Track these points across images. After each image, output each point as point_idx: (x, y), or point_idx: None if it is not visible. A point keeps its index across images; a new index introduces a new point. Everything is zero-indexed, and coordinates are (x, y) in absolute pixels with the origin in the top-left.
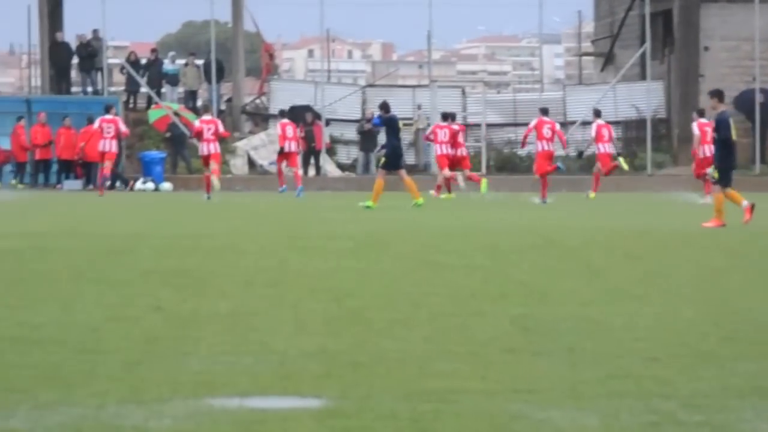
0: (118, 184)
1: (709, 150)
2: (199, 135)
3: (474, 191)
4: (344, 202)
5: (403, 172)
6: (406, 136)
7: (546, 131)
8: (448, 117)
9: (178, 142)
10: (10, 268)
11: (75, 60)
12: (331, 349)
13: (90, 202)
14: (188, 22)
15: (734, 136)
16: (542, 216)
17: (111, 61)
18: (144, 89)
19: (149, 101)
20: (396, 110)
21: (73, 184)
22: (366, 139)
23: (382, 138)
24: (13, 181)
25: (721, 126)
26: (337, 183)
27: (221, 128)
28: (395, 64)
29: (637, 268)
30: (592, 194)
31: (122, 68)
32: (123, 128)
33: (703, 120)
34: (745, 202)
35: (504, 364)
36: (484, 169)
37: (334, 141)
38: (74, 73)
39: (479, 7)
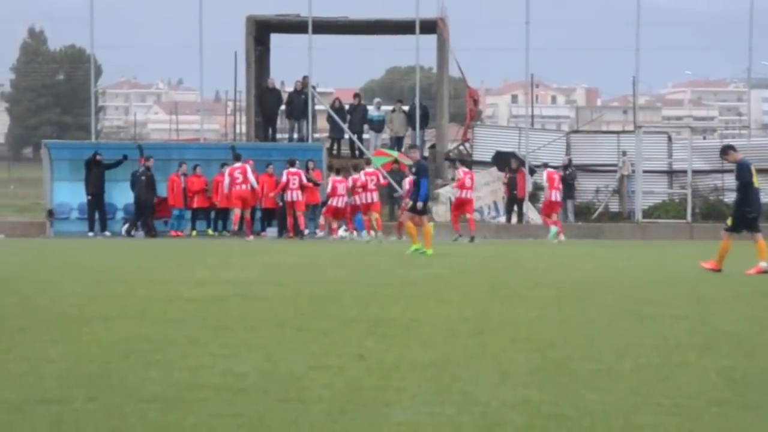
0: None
1: (557, 195)
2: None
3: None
4: (546, 250)
5: (425, 218)
6: (610, 183)
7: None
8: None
9: (394, 189)
10: (214, 315)
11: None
12: (535, 400)
13: (292, 250)
14: (392, 68)
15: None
16: (749, 265)
17: (316, 107)
18: (347, 135)
19: (352, 147)
20: (600, 156)
21: (272, 232)
22: (564, 186)
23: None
24: (209, 230)
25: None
26: (539, 230)
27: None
28: (599, 110)
29: None
30: None
31: (328, 116)
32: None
33: (550, 170)
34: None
35: (711, 417)
36: (689, 217)
37: (537, 188)
38: (279, 120)
39: (686, 51)
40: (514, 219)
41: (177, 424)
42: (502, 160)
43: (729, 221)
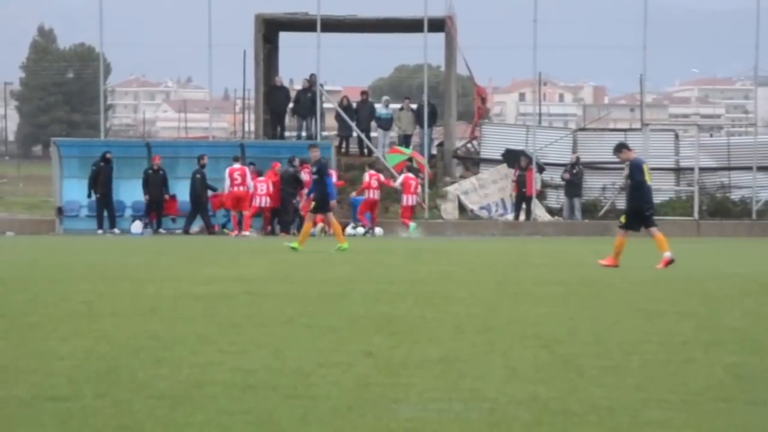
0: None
1: (411, 200)
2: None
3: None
4: (554, 247)
5: (330, 215)
6: (617, 180)
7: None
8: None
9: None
10: (223, 313)
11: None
12: (542, 396)
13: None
14: (400, 67)
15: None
16: (757, 262)
17: (324, 106)
18: (356, 133)
19: (360, 145)
20: (608, 154)
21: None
22: (571, 185)
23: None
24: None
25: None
26: (547, 228)
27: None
28: (607, 108)
29: None
30: None
31: (337, 114)
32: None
33: (410, 174)
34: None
35: (718, 413)
36: (696, 215)
37: (545, 185)
38: (287, 118)
39: (693, 49)
40: (522, 216)
41: (186, 420)
42: (512, 157)
43: (623, 219)
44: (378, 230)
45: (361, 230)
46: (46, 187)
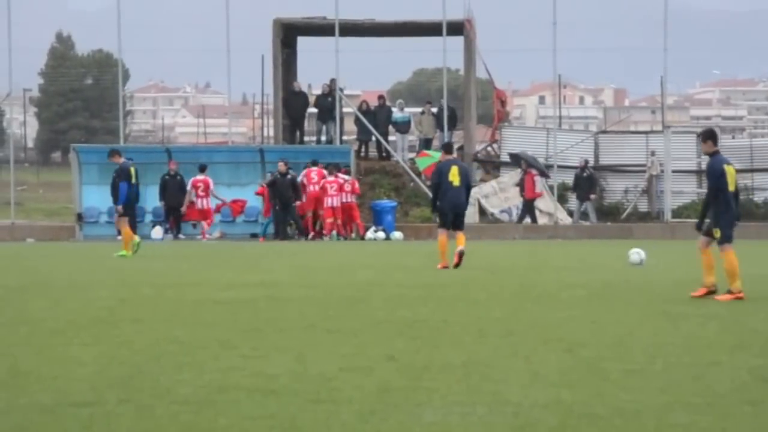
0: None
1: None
2: None
3: None
4: (576, 250)
5: (123, 221)
6: (639, 183)
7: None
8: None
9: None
10: (244, 318)
11: (309, 110)
12: (566, 400)
13: (320, 251)
14: (419, 70)
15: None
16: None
17: (343, 110)
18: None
19: (380, 149)
20: (629, 156)
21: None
22: (580, 188)
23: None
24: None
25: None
26: (568, 231)
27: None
28: (627, 110)
29: None
30: None
31: (356, 118)
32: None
33: (313, 168)
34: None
35: (744, 416)
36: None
37: (567, 188)
38: (306, 123)
39: (714, 51)
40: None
41: (208, 425)
42: (516, 160)
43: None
44: (398, 234)
45: (381, 235)
46: (65, 193)
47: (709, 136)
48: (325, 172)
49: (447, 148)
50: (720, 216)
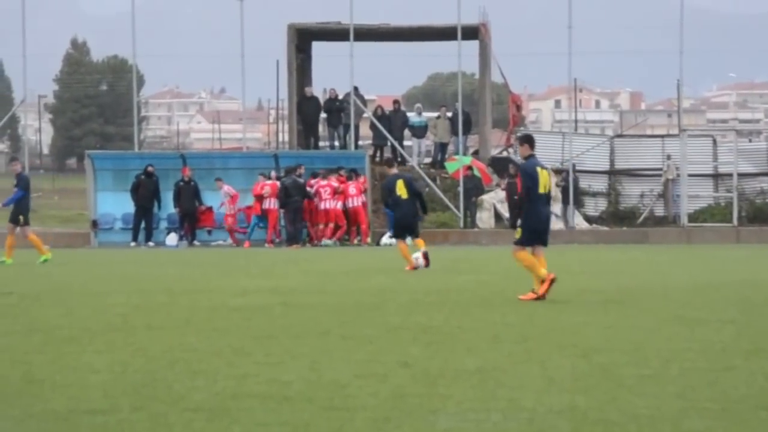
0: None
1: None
2: None
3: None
4: (591, 255)
5: (26, 229)
6: (655, 187)
7: None
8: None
9: (471, 194)
10: (258, 324)
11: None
12: (581, 406)
13: (332, 257)
14: (434, 75)
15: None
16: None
17: (363, 115)
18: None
19: (395, 154)
20: (645, 160)
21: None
22: (564, 192)
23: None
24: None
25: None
26: (584, 236)
27: None
28: (644, 114)
29: None
30: None
31: (371, 123)
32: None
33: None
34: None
35: (759, 422)
36: (735, 221)
37: (583, 193)
38: (321, 128)
39: (730, 53)
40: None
41: None
42: (499, 166)
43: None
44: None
45: (394, 241)
46: (80, 200)
47: (525, 140)
48: (335, 184)
49: (389, 162)
50: (526, 217)
